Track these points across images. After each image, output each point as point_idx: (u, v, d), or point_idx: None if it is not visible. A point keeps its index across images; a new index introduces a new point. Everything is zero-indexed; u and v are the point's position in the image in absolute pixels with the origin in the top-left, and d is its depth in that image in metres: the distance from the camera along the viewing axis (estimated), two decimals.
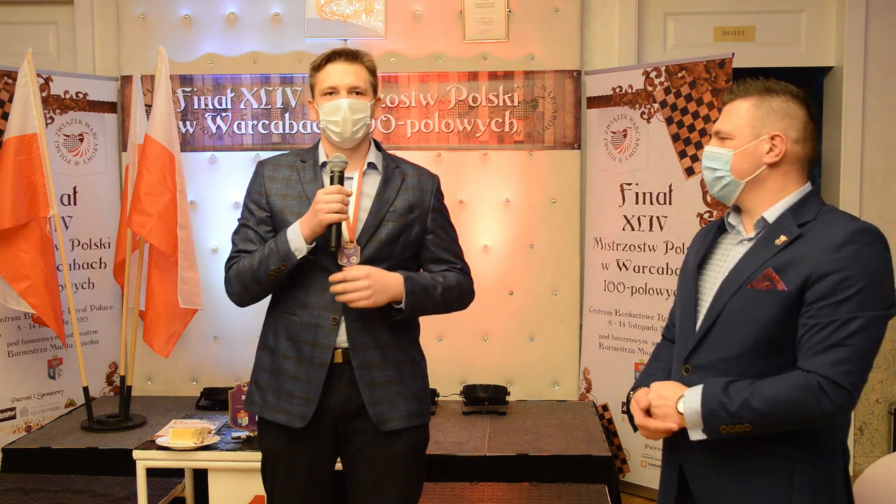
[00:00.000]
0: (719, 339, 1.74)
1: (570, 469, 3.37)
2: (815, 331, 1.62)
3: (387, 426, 2.18)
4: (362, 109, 2.21)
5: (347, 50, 2.25)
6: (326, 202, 2.07)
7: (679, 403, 1.73)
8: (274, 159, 2.33)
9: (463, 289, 2.30)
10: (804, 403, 1.61)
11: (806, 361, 1.63)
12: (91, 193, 4.20)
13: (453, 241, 2.34)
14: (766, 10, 4.27)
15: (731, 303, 1.73)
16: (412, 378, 2.25)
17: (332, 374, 2.17)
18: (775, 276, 1.68)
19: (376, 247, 2.18)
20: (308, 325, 2.18)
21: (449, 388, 4.16)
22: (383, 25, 4.17)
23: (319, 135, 2.35)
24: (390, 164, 2.30)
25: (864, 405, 4.24)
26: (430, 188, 2.32)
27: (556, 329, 4.21)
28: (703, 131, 3.71)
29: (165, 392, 4.30)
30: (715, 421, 1.66)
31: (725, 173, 1.80)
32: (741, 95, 1.81)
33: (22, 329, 3.96)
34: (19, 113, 3.59)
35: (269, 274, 2.15)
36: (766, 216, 1.77)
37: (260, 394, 2.26)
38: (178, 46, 4.21)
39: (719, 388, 1.67)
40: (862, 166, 4.19)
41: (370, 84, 2.25)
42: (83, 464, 3.45)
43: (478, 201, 4.17)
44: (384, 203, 2.21)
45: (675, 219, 3.81)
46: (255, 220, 2.25)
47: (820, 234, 1.68)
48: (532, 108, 4.15)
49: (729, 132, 1.80)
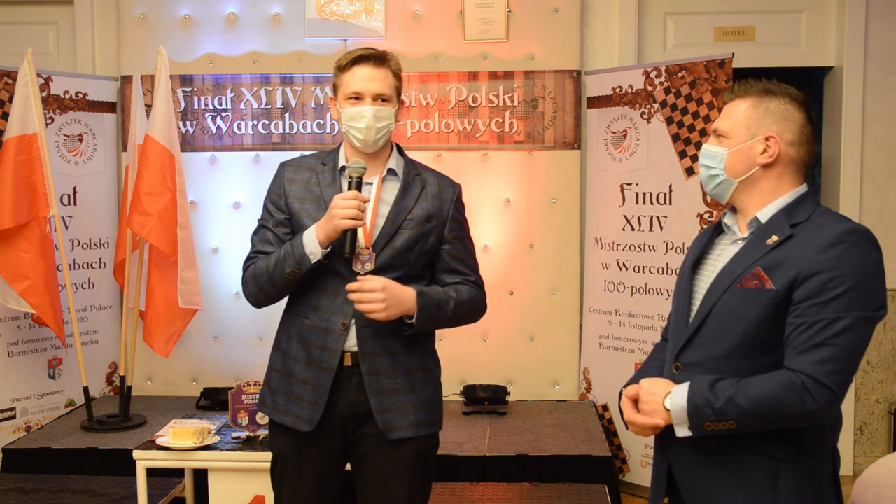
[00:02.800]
0: (709, 336, 1.75)
1: (570, 469, 3.37)
2: (800, 330, 1.63)
3: (394, 434, 2.16)
4: (387, 117, 2.19)
5: (375, 53, 2.20)
6: (342, 208, 2.05)
7: (666, 400, 1.73)
8: (295, 161, 2.31)
9: (475, 303, 2.29)
10: (787, 402, 1.61)
11: (791, 360, 1.64)
12: (91, 193, 4.20)
13: (469, 254, 2.31)
14: (766, 10, 4.27)
15: (720, 301, 1.74)
16: (423, 387, 2.23)
17: (341, 377, 2.16)
18: (764, 276, 1.69)
19: (391, 254, 2.16)
20: (318, 329, 2.17)
21: (449, 388, 4.12)
22: (383, 25, 4.17)
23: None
24: (411, 170, 2.27)
25: (864, 405, 4.24)
26: (451, 197, 2.27)
27: (556, 329, 4.20)
28: (703, 131, 3.71)
29: (165, 392, 4.30)
30: (700, 417, 1.67)
31: (719, 172, 1.81)
32: (740, 95, 1.81)
33: (22, 329, 3.96)
34: (19, 113, 3.59)
35: (284, 277, 2.14)
36: (759, 216, 1.78)
37: (271, 395, 2.26)
38: (178, 46, 4.21)
39: (706, 386, 1.68)
40: (862, 166, 4.19)
41: (395, 89, 2.22)
42: (83, 464, 3.45)
43: (478, 201, 4.16)
44: (402, 210, 2.19)
45: (675, 219, 3.81)
46: (274, 221, 2.23)
47: (810, 235, 1.68)
48: (532, 108, 4.15)
49: (725, 131, 1.81)
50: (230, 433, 3.12)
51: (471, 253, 2.32)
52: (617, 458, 3.88)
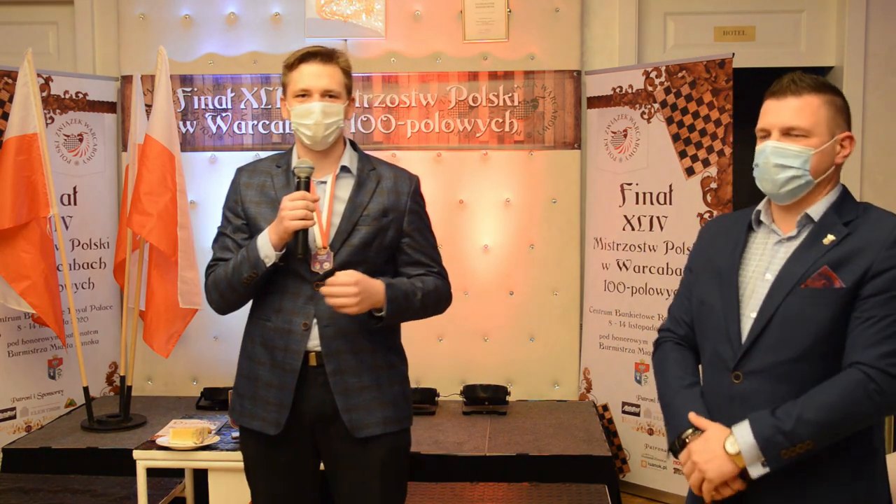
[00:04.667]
0: (774, 342, 1.69)
1: (570, 469, 3.37)
2: (869, 324, 1.62)
3: (362, 433, 2.15)
4: (335, 113, 2.16)
5: (322, 50, 2.19)
6: (291, 209, 2.05)
7: (727, 445, 1.66)
8: (251, 165, 2.31)
9: (441, 293, 2.27)
10: (857, 401, 1.59)
11: (859, 354, 1.62)
12: (91, 193, 4.20)
13: (431, 246, 2.29)
14: (766, 10, 4.27)
15: (785, 304, 1.69)
16: (389, 384, 2.21)
17: (306, 378, 2.16)
18: (832, 274, 1.66)
19: (350, 252, 2.15)
20: (281, 331, 2.16)
21: (449, 388, 4.16)
22: (383, 25, 4.17)
23: None
24: (366, 166, 2.25)
25: None
26: (408, 190, 2.25)
27: (556, 329, 4.21)
28: (703, 131, 3.71)
29: (165, 392, 4.30)
30: (774, 448, 1.61)
31: (803, 172, 1.72)
32: (809, 90, 1.73)
33: (22, 329, 3.96)
34: (19, 113, 3.59)
35: (242, 282, 2.14)
36: (811, 213, 1.75)
37: (239, 401, 2.26)
38: (178, 46, 4.21)
39: (767, 415, 1.64)
40: (862, 166, 4.19)
41: (344, 86, 2.20)
42: (83, 464, 3.45)
43: (478, 201, 4.17)
44: (357, 207, 2.18)
45: (675, 219, 3.81)
46: (232, 228, 2.24)
47: (871, 231, 1.68)
48: (532, 108, 4.15)
49: (807, 129, 1.72)
50: (230, 433, 3.12)
51: (432, 245, 2.30)
52: (617, 458, 3.88)
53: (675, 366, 1.89)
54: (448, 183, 4.15)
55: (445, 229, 4.16)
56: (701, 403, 1.79)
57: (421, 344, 4.21)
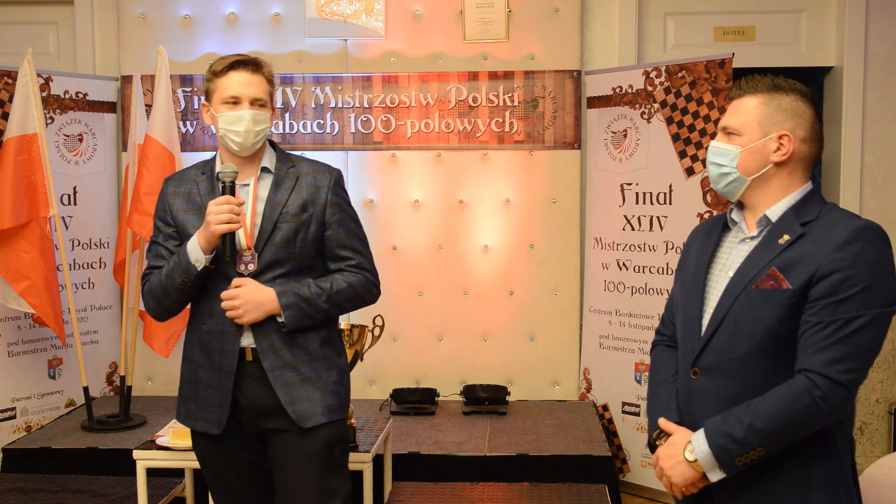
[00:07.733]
0: (727, 339, 1.73)
1: (570, 469, 3.37)
2: (816, 329, 1.63)
3: (308, 423, 2.19)
4: (263, 121, 2.22)
5: (251, 59, 2.25)
6: (216, 213, 2.11)
7: (686, 452, 1.73)
8: (178, 175, 2.36)
9: (357, 289, 2.28)
10: (803, 409, 1.61)
11: (806, 360, 1.63)
12: (91, 193, 4.20)
13: (352, 236, 2.30)
14: (766, 10, 4.27)
15: (737, 303, 1.72)
16: (327, 374, 2.25)
17: (243, 374, 2.20)
18: (780, 276, 1.68)
19: (273, 250, 2.20)
20: (215, 333, 2.21)
21: (449, 388, 4.16)
22: (383, 25, 4.17)
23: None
24: (285, 164, 2.30)
25: (864, 405, 4.24)
26: (327, 183, 2.27)
27: (556, 329, 4.21)
28: (703, 131, 3.71)
29: (165, 392, 4.29)
30: (728, 456, 1.66)
31: (732, 170, 1.78)
32: (750, 91, 1.78)
33: (22, 329, 3.96)
34: (19, 113, 3.59)
35: (176, 287, 2.19)
36: (769, 214, 1.76)
37: (183, 404, 2.31)
38: (178, 46, 4.21)
39: (720, 422, 1.68)
40: (862, 166, 4.20)
41: (269, 95, 2.27)
42: (83, 464, 3.45)
43: (478, 201, 4.17)
44: (276, 205, 2.22)
45: (675, 219, 3.81)
46: (163, 236, 2.29)
47: (823, 233, 1.67)
48: (532, 108, 4.15)
49: (737, 128, 1.78)
50: None
51: (355, 235, 2.31)
52: (617, 458, 3.88)
53: (660, 367, 1.97)
54: (448, 183, 4.15)
55: (445, 229, 4.17)
56: (675, 403, 1.86)
57: (421, 344, 4.23)
